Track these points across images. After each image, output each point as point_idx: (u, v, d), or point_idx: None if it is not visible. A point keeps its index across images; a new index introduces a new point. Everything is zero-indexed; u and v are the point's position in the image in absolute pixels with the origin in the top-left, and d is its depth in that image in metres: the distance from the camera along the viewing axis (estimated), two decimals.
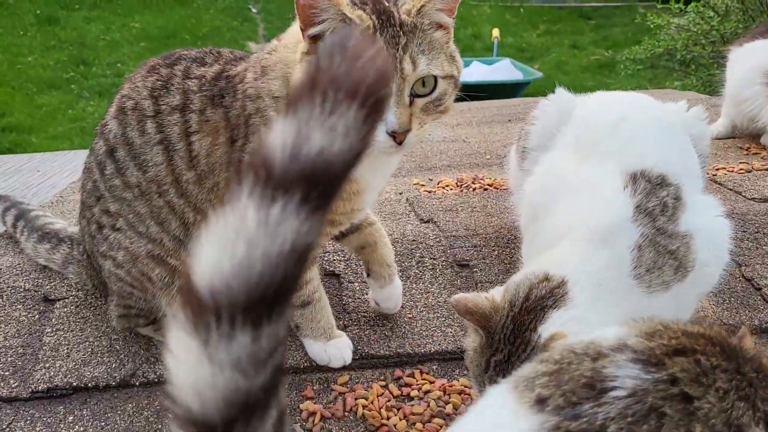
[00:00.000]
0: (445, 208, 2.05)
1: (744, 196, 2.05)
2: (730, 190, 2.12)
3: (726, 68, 2.92)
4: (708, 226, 1.32)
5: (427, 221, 1.96)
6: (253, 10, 12.15)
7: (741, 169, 2.34)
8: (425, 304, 1.64)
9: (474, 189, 2.27)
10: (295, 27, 1.30)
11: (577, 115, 1.52)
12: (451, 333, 1.56)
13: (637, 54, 7.41)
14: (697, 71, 7.04)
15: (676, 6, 6.77)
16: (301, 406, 1.38)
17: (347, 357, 1.47)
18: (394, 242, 1.82)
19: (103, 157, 1.42)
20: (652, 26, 7.17)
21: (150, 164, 1.37)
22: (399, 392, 1.42)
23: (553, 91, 1.61)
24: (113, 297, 1.51)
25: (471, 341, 1.24)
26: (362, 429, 1.33)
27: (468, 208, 2.04)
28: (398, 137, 1.16)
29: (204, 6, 11.85)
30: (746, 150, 2.63)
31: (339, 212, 1.37)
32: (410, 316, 1.61)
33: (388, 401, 1.39)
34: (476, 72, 7.17)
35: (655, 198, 1.28)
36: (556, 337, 1.10)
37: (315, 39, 1.17)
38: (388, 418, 1.35)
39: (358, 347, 1.51)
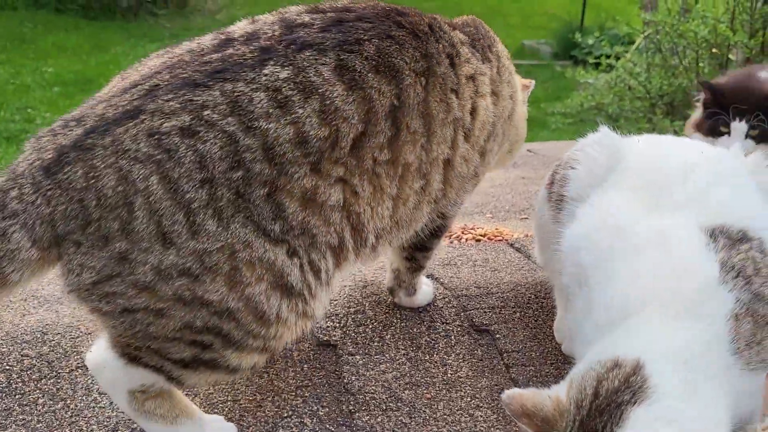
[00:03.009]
0: (442, 262, 1.78)
1: None
2: None
3: None
4: None
5: (427, 277, 1.69)
6: None
7: None
8: (444, 380, 1.35)
9: (466, 240, 2.02)
10: None
11: (633, 159, 1.29)
12: (481, 417, 1.27)
13: (567, 108, 7.53)
14: (626, 125, 7.21)
15: (607, 61, 6.96)
16: None
17: None
18: (398, 304, 1.53)
19: None
20: (581, 81, 7.36)
21: None
22: None
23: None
24: None
25: None
26: None
27: (468, 263, 1.78)
28: None
29: (123, 52, 11.39)
30: None
31: None
32: (429, 396, 1.31)
33: None
34: None
35: (744, 255, 1.07)
36: None
37: None
38: None
39: None
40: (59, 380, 1.28)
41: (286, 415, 1.24)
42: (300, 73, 1.05)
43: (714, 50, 6.15)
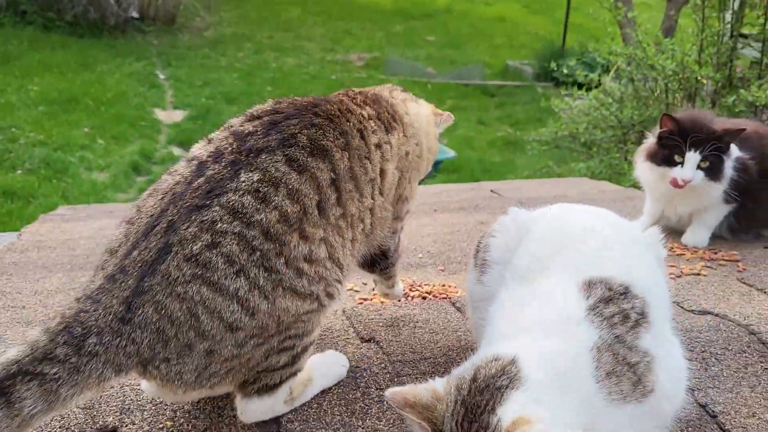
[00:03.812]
0: (385, 323, 1.92)
1: (683, 308, 2.05)
2: None
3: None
4: (672, 362, 1.28)
5: (368, 340, 1.83)
6: (161, 76, 11.87)
7: (671, 274, 2.37)
8: None
9: (412, 297, 2.16)
10: None
11: (540, 229, 1.48)
12: None
13: (542, 135, 7.72)
14: (599, 153, 7.41)
15: (578, 92, 7.15)
16: None
17: None
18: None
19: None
20: (556, 110, 7.54)
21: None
22: None
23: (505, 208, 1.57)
24: None
25: None
26: None
27: (410, 323, 1.93)
28: None
29: (109, 70, 11.47)
30: (671, 251, 2.68)
31: None
32: None
33: None
34: None
35: (615, 306, 1.23)
36: (520, 422, 1.01)
37: None
38: None
39: None
40: None
41: None
42: (265, 173, 1.37)
43: (682, 81, 6.32)
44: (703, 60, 6.12)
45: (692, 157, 2.52)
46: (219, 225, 1.30)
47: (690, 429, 1.57)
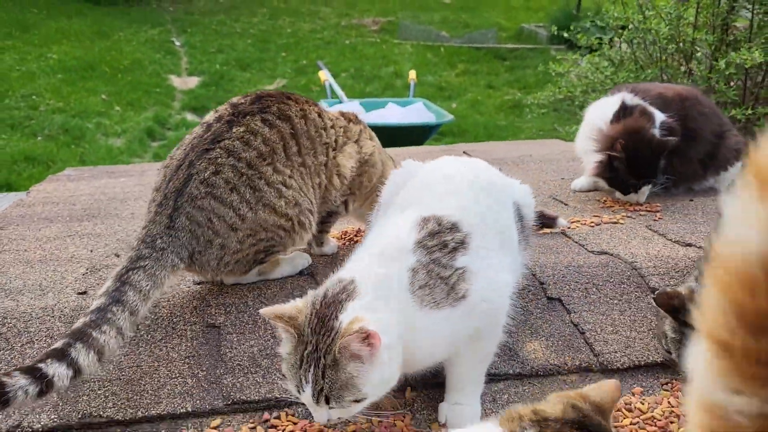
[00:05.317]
0: (325, 261, 2.26)
1: (586, 249, 2.35)
2: (576, 243, 2.42)
3: None
4: (492, 276, 1.60)
5: (307, 275, 2.17)
6: (177, 44, 12.17)
7: (592, 222, 2.67)
8: None
9: (357, 241, 2.49)
10: None
11: (417, 178, 1.80)
12: None
13: (540, 99, 7.92)
14: None
15: (573, 57, 7.31)
16: None
17: None
18: (273, 297, 2.02)
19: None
20: (553, 74, 7.70)
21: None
22: None
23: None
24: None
25: (285, 348, 1.47)
26: None
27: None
28: None
29: (125, 38, 11.80)
30: (602, 203, 2.97)
31: None
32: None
33: None
34: (391, 114, 7.42)
35: (438, 238, 1.57)
36: (355, 321, 1.38)
37: None
38: None
39: (231, 393, 1.70)
40: (13, 352, 1.79)
41: (174, 376, 1.74)
42: (248, 127, 1.99)
43: (678, 45, 6.43)
44: (701, 22, 6.22)
45: (646, 190, 2.88)
46: (219, 159, 1.93)
47: (561, 342, 1.90)
